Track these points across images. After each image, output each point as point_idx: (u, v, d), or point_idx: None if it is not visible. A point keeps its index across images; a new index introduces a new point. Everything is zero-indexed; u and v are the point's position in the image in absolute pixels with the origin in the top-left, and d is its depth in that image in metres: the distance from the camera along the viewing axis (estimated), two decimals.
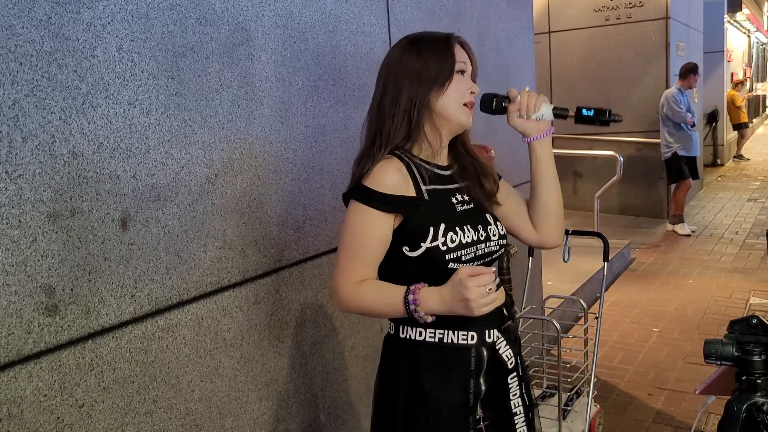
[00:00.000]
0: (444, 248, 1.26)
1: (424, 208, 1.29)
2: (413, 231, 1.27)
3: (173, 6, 1.46)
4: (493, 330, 1.34)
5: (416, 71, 1.29)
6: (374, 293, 1.27)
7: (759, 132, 17.41)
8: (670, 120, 6.36)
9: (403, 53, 1.32)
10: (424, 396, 1.30)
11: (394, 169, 1.28)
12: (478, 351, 1.32)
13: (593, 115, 1.35)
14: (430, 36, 1.34)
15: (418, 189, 1.30)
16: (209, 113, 1.56)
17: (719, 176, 10.52)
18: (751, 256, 5.60)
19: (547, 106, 1.38)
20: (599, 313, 2.46)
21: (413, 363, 1.32)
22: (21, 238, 1.18)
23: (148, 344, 1.43)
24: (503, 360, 1.35)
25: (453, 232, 1.27)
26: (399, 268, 1.30)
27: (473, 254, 1.30)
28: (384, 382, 1.38)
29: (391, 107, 1.30)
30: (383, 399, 1.37)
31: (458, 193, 1.37)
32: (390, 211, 1.26)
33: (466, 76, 1.34)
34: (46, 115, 1.22)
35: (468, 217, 1.34)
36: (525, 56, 3.42)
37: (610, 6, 7.17)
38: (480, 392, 1.33)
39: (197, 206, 1.54)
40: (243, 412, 1.69)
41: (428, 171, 1.33)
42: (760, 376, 1.43)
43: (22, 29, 1.17)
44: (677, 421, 2.93)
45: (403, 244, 1.27)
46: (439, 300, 1.20)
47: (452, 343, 1.30)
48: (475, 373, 1.32)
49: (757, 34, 19.38)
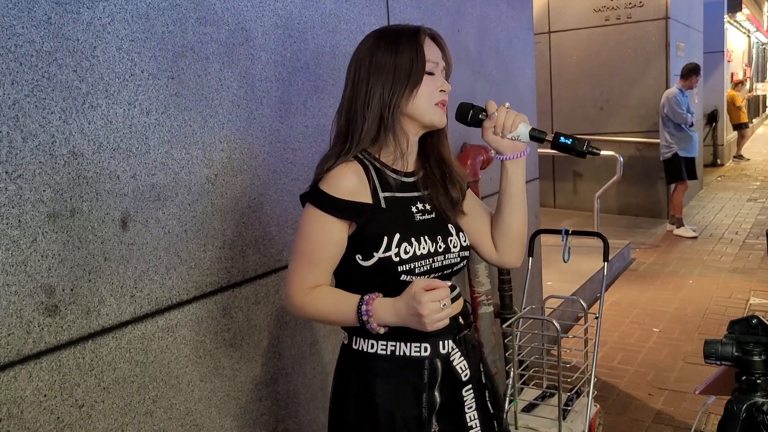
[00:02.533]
0: (397, 259, 1.21)
1: (380, 216, 1.24)
2: (367, 239, 1.22)
3: (173, 6, 1.46)
4: (448, 341, 1.29)
5: (387, 72, 1.23)
6: (327, 301, 1.24)
7: (759, 132, 17.41)
8: (670, 120, 6.35)
9: (372, 51, 1.26)
10: (375, 409, 1.26)
11: (352, 174, 1.23)
12: (431, 363, 1.28)
13: (570, 144, 1.28)
14: (399, 32, 1.27)
15: (375, 196, 1.25)
16: (209, 113, 1.56)
17: (719, 176, 10.52)
18: (751, 256, 5.60)
19: (524, 126, 1.30)
20: (599, 313, 2.46)
21: (365, 376, 1.28)
22: (21, 238, 1.18)
23: (148, 344, 1.43)
24: (457, 372, 1.30)
25: (407, 243, 1.22)
26: (352, 276, 1.27)
27: (428, 266, 1.25)
28: (336, 394, 1.36)
29: (362, 109, 1.24)
30: (335, 411, 1.35)
31: (420, 202, 1.31)
32: (343, 218, 1.22)
33: (437, 74, 1.28)
34: (46, 115, 1.22)
35: (427, 227, 1.28)
36: (525, 56, 3.42)
37: (610, 6, 7.17)
38: (435, 405, 1.29)
39: (197, 206, 1.54)
40: (243, 412, 1.69)
41: (389, 177, 1.28)
42: (760, 376, 1.43)
43: (22, 29, 1.17)
44: (677, 421, 2.93)
45: (356, 252, 1.24)
46: (393, 312, 1.16)
47: (405, 356, 1.26)
48: (429, 385, 1.28)
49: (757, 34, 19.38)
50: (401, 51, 1.24)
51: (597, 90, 7.30)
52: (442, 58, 1.30)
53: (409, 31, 1.27)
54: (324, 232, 1.23)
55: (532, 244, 2.76)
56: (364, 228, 1.23)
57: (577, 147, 1.28)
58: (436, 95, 1.27)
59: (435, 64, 1.27)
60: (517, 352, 2.43)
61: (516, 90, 3.32)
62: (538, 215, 3.65)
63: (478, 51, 2.91)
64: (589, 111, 7.38)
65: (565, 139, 1.28)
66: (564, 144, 1.28)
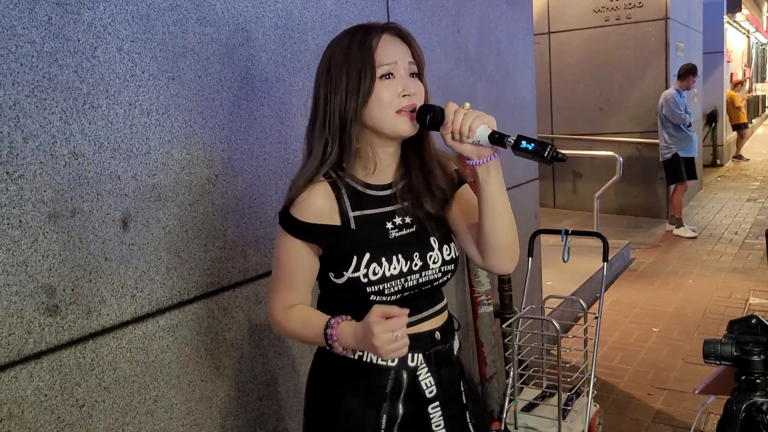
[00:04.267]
0: (365, 280, 1.19)
1: (348, 237, 1.20)
2: (336, 259, 1.21)
3: (174, 7, 1.47)
4: (418, 354, 1.26)
5: (340, 88, 1.17)
6: (300, 321, 1.24)
7: (758, 132, 17.41)
8: (669, 121, 6.35)
9: (327, 66, 1.20)
10: (337, 413, 1.27)
11: (320, 196, 1.19)
12: (397, 374, 1.25)
13: (532, 149, 1.10)
14: (352, 40, 1.19)
15: (344, 216, 1.21)
16: (210, 114, 1.56)
17: (719, 176, 10.53)
18: (750, 256, 5.60)
19: (484, 129, 1.13)
20: (599, 313, 2.46)
21: (333, 378, 1.29)
22: (22, 239, 1.19)
23: (149, 344, 1.43)
24: (421, 388, 1.27)
25: (377, 264, 1.19)
26: (327, 292, 1.28)
27: (400, 287, 1.21)
28: (308, 393, 1.36)
29: (322, 128, 1.20)
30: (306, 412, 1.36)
31: (397, 216, 1.25)
32: (310, 241, 1.21)
33: (398, 76, 1.17)
34: (46, 116, 1.22)
35: (402, 244, 1.23)
36: (525, 56, 3.43)
37: (609, 6, 7.17)
38: (396, 417, 1.26)
39: (198, 206, 1.54)
40: (243, 411, 1.69)
41: (361, 193, 1.22)
42: (759, 375, 1.43)
43: (23, 30, 1.18)
44: (677, 420, 2.93)
45: (329, 269, 1.23)
46: (353, 338, 1.15)
47: (371, 363, 1.24)
48: (391, 396, 1.25)
49: (756, 34, 19.38)
50: (351, 61, 1.16)
51: (597, 90, 7.31)
52: (409, 54, 1.20)
53: (361, 35, 1.18)
54: (295, 255, 1.23)
55: (532, 244, 2.76)
56: (332, 250, 1.21)
57: (540, 152, 1.10)
58: (396, 102, 1.17)
59: (393, 64, 1.17)
60: (516, 352, 2.44)
61: (516, 90, 3.32)
62: (538, 215, 3.65)
63: (478, 51, 2.91)
64: (588, 111, 7.38)
65: (527, 144, 1.10)
66: (525, 149, 1.11)
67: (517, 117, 3.33)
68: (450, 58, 2.67)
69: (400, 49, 1.20)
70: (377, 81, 1.16)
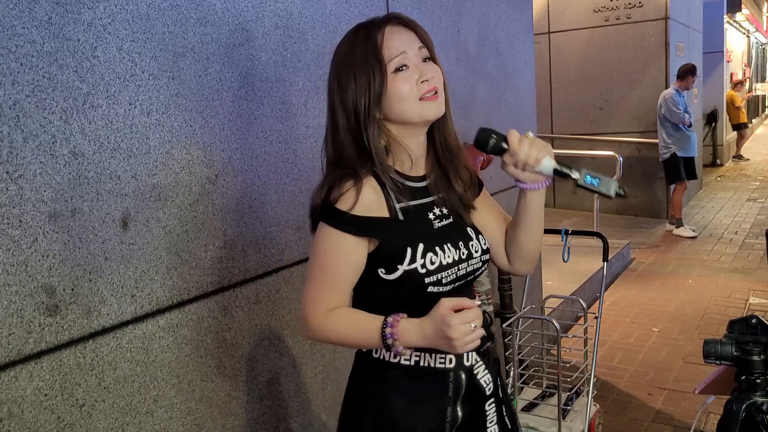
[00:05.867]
0: (423, 270, 1.15)
1: (399, 228, 1.18)
2: (389, 253, 1.16)
3: (174, 6, 1.47)
4: (472, 353, 1.25)
5: (351, 93, 1.16)
6: (347, 324, 1.17)
7: (758, 132, 17.42)
8: (668, 121, 6.36)
9: (336, 74, 1.19)
10: (395, 425, 1.20)
11: (369, 189, 1.15)
12: (456, 375, 1.22)
13: (597, 185, 1.14)
14: (355, 41, 1.18)
15: (391, 209, 1.18)
16: (210, 113, 1.56)
17: (719, 176, 10.53)
18: (750, 256, 5.61)
19: (548, 160, 1.16)
20: (599, 313, 2.46)
21: (382, 389, 1.22)
22: (22, 238, 1.19)
23: (149, 344, 1.43)
24: (481, 386, 1.26)
25: (432, 253, 1.17)
26: (372, 291, 1.20)
27: (454, 275, 1.20)
28: (348, 407, 1.29)
29: (346, 132, 1.18)
30: (348, 425, 1.28)
31: (435, 207, 1.25)
32: (364, 235, 1.15)
33: (410, 65, 1.17)
34: (46, 116, 1.22)
35: (448, 234, 1.23)
36: (525, 56, 3.43)
37: (609, 6, 7.18)
38: (457, 420, 1.23)
39: (198, 206, 1.54)
40: (244, 411, 1.69)
41: (403, 185, 1.21)
42: (759, 375, 1.43)
43: (23, 29, 1.18)
44: (677, 420, 2.93)
45: (379, 266, 1.17)
46: (420, 335, 1.11)
47: (429, 367, 1.21)
48: (453, 399, 1.22)
49: (756, 34, 19.38)
50: (357, 63, 1.16)
51: (596, 90, 7.31)
52: (416, 40, 1.19)
53: (363, 33, 1.18)
54: (341, 252, 1.16)
55: None
56: (385, 242, 1.17)
57: (603, 190, 1.14)
58: (416, 91, 1.16)
59: (403, 54, 1.16)
60: (517, 352, 2.44)
61: (516, 90, 3.32)
62: None
63: (478, 51, 2.91)
64: (588, 111, 7.38)
65: (592, 179, 1.14)
66: (590, 186, 1.14)
67: (516, 117, 3.33)
68: (450, 58, 2.67)
69: (406, 37, 1.19)
70: (391, 76, 1.16)
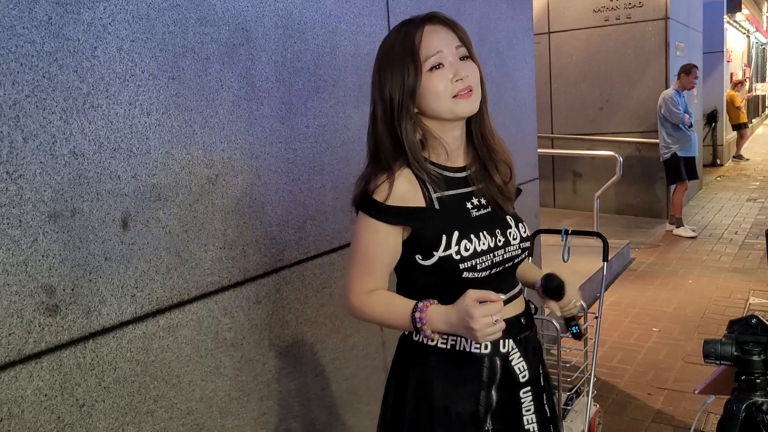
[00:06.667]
0: (458, 257, 1.22)
1: (435, 217, 1.24)
2: (425, 240, 1.23)
3: (174, 6, 1.47)
4: (508, 340, 1.29)
5: (389, 84, 1.22)
6: (383, 305, 1.25)
7: (758, 132, 17.41)
8: (668, 121, 6.36)
9: (378, 70, 1.25)
10: (432, 405, 1.27)
11: (404, 181, 1.22)
12: (491, 361, 1.28)
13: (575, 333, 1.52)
14: (395, 40, 1.24)
15: (428, 198, 1.24)
16: (210, 113, 1.56)
17: (719, 176, 10.53)
18: (750, 256, 5.60)
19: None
20: (599, 313, 2.46)
21: (423, 370, 1.29)
22: (22, 238, 1.19)
23: (149, 344, 1.43)
24: (515, 373, 1.30)
25: (467, 240, 1.23)
26: (412, 275, 1.28)
27: (490, 262, 1.25)
28: (393, 386, 1.36)
29: (384, 125, 1.24)
30: (391, 403, 1.35)
31: (474, 197, 1.30)
32: (397, 224, 1.23)
33: (446, 64, 1.22)
34: (46, 116, 1.22)
35: (484, 222, 1.28)
36: (525, 56, 3.43)
37: (609, 6, 7.17)
38: (491, 404, 1.29)
39: (198, 206, 1.54)
40: (244, 411, 1.69)
41: (439, 176, 1.26)
42: (759, 375, 1.43)
43: (23, 30, 1.18)
44: (677, 420, 2.93)
45: (416, 252, 1.24)
46: (445, 321, 1.17)
47: (464, 351, 1.27)
48: (487, 384, 1.28)
49: (756, 34, 19.38)
50: (395, 60, 1.22)
51: (596, 90, 7.31)
52: (455, 39, 1.25)
53: (404, 31, 1.24)
54: (377, 240, 1.24)
55: (532, 243, 2.76)
56: (421, 230, 1.23)
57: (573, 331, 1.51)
58: (450, 89, 1.22)
59: (439, 53, 1.22)
60: None
61: (516, 90, 3.32)
62: (538, 215, 3.65)
63: (478, 51, 2.90)
64: (588, 111, 7.38)
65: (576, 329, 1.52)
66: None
67: (517, 117, 3.33)
68: None
69: (444, 36, 1.25)
70: (427, 74, 1.22)
